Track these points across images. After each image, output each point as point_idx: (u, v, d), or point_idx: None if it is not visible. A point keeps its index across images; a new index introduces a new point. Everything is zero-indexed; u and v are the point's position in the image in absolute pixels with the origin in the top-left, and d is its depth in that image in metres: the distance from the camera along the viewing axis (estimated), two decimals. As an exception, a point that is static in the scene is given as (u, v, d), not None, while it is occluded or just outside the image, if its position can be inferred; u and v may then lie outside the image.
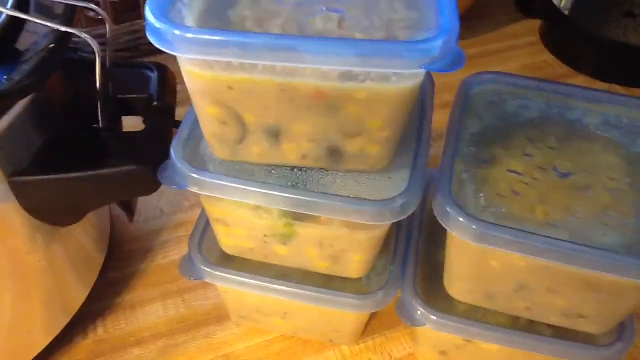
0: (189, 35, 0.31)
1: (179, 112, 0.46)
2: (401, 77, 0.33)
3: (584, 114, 0.45)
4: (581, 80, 0.81)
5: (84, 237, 0.51)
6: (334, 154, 0.38)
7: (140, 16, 0.77)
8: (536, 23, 0.89)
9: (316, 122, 0.36)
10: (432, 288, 0.46)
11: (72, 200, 0.42)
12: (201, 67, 0.33)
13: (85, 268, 0.53)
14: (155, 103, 0.45)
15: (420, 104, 0.44)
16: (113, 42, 0.79)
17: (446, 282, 0.44)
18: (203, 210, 0.49)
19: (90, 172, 0.39)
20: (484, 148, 0.42)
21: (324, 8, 0.36)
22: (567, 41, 0.84)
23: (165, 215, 0.63)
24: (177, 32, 0.31)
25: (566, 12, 0.82)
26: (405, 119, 0.37)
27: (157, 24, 0.31)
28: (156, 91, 0.46)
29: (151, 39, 0.32)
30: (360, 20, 0.36)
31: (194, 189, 0.39)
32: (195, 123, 0.40)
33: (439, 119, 0.47)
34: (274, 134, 0.37)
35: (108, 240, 0.57)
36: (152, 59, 0.51)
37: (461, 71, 0.88)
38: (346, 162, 0.38)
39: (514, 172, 0.41)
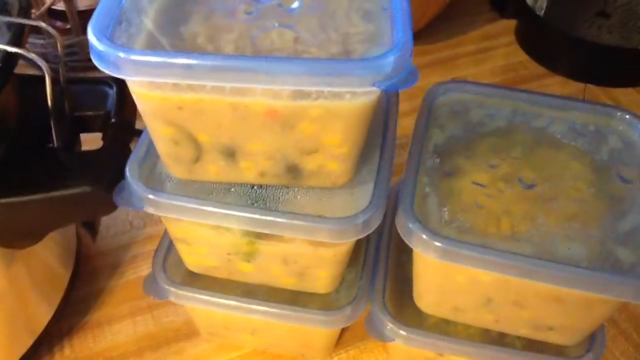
0: (133, 57, 0.30)
1: (141, 125, 0.45)
2: (355, 94, 0.32)
3: (550, 122, 0.45)
4: (557, 80, 0.81)
5: (48, 254, 0.50)
6: (293, 171, 0.37)
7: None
8: (511, 23, 0.89)
9: (271, 141, 0.35)
10: (403, 300, 0.46)
11: (26, 224, 0.41)
12: (149, 88, 0.32)
13: (50, 286, 0.52)
14: (113, 120, 0.44)
15: (383, 114, 0.43)
16: (82, 52, 0.78)
17: (415, 295, 0.44)
18: (168, 227, 0.48)
19: (43, 195, 0.38)
20: (448, 160, 0.42)
21: (276, 24, 0.35)
22: (541, 41, 0.84)
23: (134, 229, 0.62)
24: (121, 54, 0.30)
25: (540, 12, 0.82)
26: (364, 134, 0.36)
27: (101, 47, 0.30)
28: (114, 107, 0.44)
29: (95, 61, 0.31)
30: (315, 34, 0.36)
31: (150, 210, 0.38)
32: (152, 141, 0.39)
33: (409, 124, 0.46)
34: (230, 153, 0.36)
35: (74, 257, 0.56)
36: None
37: (434, 75, 0.87)
38: (306, 179, 0.38)
39: (479, 184, 0.40)
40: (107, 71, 0.31)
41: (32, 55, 0.37)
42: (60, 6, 0.73)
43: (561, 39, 0.81)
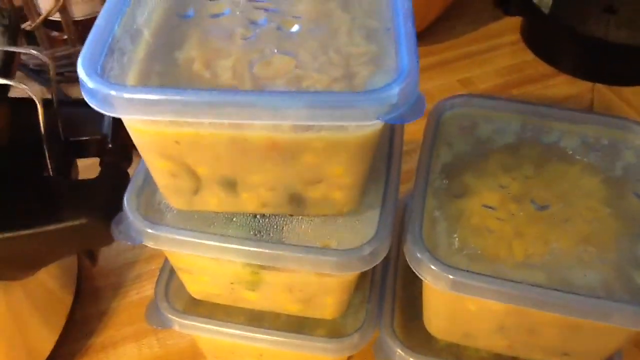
0: (127, 96, 0.29)
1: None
2: (359, 125, 0.31)
3: (561, 136, 0.43)
4: (563, 80, 0.79)
5: (48, 278, 0.49)
6: (296, 201, 0.36)
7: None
8: (517, 21, 0.87)
9: (273, 172, 0.33)
10: (412, 323, 0.44)
11: (20, 258, 0.39)
12: (144, 124, 0.31)
13: (52, 311, 0.51)
14: (110, 145, 0.42)
15: (388, 140, 0.42)
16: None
17: (425, 319, 0.43)
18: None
19: (37, 229, 0.37)
20: (457, 180, 0.40)
21: (275, 51, 0.33)
22: (547, 40, 0.82)
23: (138, 246, 0.60)
24: (113, 92, 0.29)
25: (545, 10, 0.80)
26: (369, 163, 0.34)
27: (91, 84, 0.29)
28: (111, 131, 0.43)
29: (86, 99, 0.29)
30: (316, 56, 0.34)
31: (150, 244, 0.37)
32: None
33: (415, 129, 0.44)
34: (231, 185, 0.34)
35: (75, 277, 0.55)
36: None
37: (439, 78, 0.85)
38: (310, 209, 0.36)
39: (489, 207, 0.39)
40: (101, 110, 0.29)
41: (22, 86, 0.36)
42: (56, 17, 0.72)
43: (567, 37, 0.79)
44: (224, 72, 0.33)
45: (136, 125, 0.31)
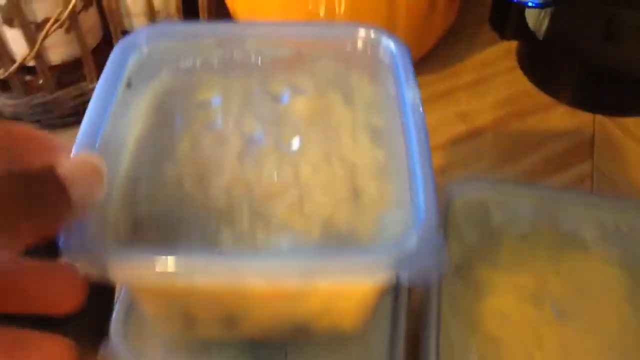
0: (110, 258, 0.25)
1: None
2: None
3: (578, 223, 0.40)
4: (563, 111, 0.76)
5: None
6: (301, 331, 0.33)
7: (84, 76, 0.69)
8: (512, 45, 0.84)
9: (276, 314, 0.30)
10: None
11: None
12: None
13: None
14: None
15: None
16: (58, 108, 0.72)
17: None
18: None
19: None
20: (470, 282, 0.38)
21: (275, 175, 0.30)
22: (544, 67, 0.79)
23: None
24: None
25: (539, 35, 0.76)
26: (380, 297, 0.31)
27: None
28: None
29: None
30: (319, 168, 0.31)
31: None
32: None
33: None
34: (229, 322, 0.31)
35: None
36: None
37: (435, 111, 0.82)
38: (315, 337, 0.33)
39: (506, 315, 0.36)
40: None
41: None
42: (31, 62, 0.67)
43: (564, 65, 0.76)
44: (219, 193, 0.30)
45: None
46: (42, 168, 0.22)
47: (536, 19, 0.80)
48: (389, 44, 0.33)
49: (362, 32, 0.33)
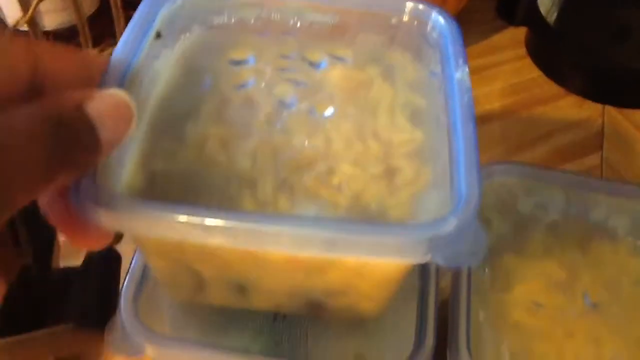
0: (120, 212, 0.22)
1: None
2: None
3: (609, 213, 0.39)
4: (572, 101, 0.75)
5: None
6: (315, 307, 0.30)
7: (80, 45, 0.66)
8: (521, 32, 0.82)
9: (290, 284, 0.28)
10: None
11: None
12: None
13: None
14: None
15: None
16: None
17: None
18: None
19: (9, 339, 0.31)
20: (500, 271, 0.36)
21: (306, 142, 0.27)
22: (553, 56, 0.77)
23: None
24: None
25: (551, 22, 0.75)
26: (405, 278, 0.29)
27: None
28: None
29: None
30: (351, 143, 0.29)
31: (151, 354, 0.31)
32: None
33: None
34: (240, 288, 0.29)
35: None
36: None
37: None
38: (330, 315, 0.31)
39: (537, 304, 0.34)
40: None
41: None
42: (24, 27, 0.63)
43: (574, 54, 0.75)
44: (243, 159, 0.27)
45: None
46: (72, 109, 0.19)
47: (548, 7, 0.78)
48: (439, 20, 0.30)
49: (409, 5, 0.31)
